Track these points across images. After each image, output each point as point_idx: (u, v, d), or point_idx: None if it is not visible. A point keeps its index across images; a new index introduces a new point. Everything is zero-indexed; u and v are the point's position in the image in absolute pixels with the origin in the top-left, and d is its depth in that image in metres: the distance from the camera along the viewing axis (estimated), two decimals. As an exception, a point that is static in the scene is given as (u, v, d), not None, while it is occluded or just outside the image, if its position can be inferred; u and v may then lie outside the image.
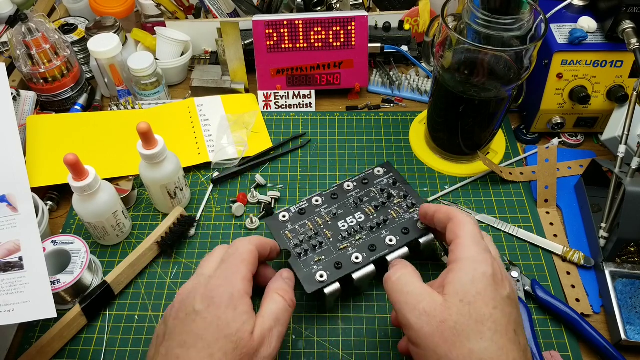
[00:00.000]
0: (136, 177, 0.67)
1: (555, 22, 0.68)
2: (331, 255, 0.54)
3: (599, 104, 0.68)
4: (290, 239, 0.55)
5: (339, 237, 0.55)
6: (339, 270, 0.52)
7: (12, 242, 0.50)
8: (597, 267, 0.58)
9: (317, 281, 0.52)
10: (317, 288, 0.51)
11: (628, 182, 0.56)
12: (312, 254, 0.54)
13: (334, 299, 0.53)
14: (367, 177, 0.61)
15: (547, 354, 0.51)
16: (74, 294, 0.56)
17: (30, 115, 0.72)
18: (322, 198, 0.59)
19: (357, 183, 0.60)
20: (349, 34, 0.74)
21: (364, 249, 0.54)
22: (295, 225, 0.57)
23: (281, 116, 0.77)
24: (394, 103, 0.79)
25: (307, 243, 0.55)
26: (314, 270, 0.52)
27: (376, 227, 0.56)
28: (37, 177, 0.65)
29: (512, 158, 0.71)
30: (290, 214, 0.58)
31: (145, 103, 0.76)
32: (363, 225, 0.56)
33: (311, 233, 0.56)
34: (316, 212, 0.58)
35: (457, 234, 0.44)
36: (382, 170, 0.61)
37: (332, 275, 0.52)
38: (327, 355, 0.53)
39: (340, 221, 0.57)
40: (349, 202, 0.58)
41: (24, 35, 0.70)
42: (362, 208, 0.58)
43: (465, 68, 0.61)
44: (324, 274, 0.52)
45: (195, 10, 0.85)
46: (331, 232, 0.56)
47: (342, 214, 0.57)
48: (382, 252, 0.54)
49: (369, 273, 0.53)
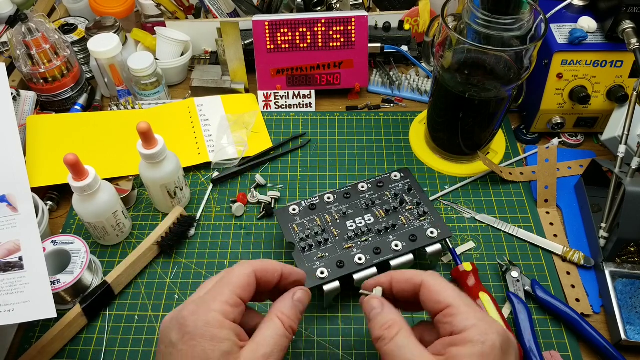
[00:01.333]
0: (136, 177, 0.67)
1: (555, 22, 0.68)
2: (335, 254, 0.54)
3: (599, 104, 0.68)
4: (297, 233, 0.56)
5: (345, 237, 0.55)
6: (341, 269, 0.52)
7: (12, 242, 0.50)
8: (597, 267, 0.58)
9: (317, 277, 0.52)
10: (316, 284, 0.51)
11: (628, 182, 0.56)
12: (316, 249, 0.54)
13: (332, 297, 0.53)
14: (383, 181, 0.60)
15: (547, 354, 0.51)
16: (74, 294, 0.56)
17: (30, 115, 0.72)
18: (334, 196, 0.59)
19: (372, 185, 0.60)
20: (349, 34, 0.74)
21: (369, 251, 0.54)
22: (304, 219, 0.57)
23: (281, 116, 0.77)
24: (394, 103, 0.79)
25: (312, 238, 0.55)
26: (315, 266, 0.53)
27: (384, 231, 0.55)
28: (37, 177, 0.65)
29: (512, 158, 0.71)
30: (301, 208, 0.58)
31: (145, 103, 0.76)
32: (371, 227, 0.56)
33: (318, 229, 0.56)
34: (326, 209, 0.58)
35: (442, 302, 0.39)
36: (399, 175, 0.61)
37: (333, 273, 0.52)
38: (327, 355, 0.53)
39: (349, 221, 0.57)
40: (360, 203, 0.58)
41: (24, 35, 0.70)
42: (373, 210, 0.57)
43: (465, 68, 0.61)
44: (325, 271, 0.52)
45: (195, 10, 0.85)
46: (338, 230, 0.56)
47: (352, 214, 0.57)
48: (387, 256, 0.54)
49: (371, 275, 0.53)
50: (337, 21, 0.72)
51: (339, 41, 0.74)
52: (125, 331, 0.55)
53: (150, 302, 0.57)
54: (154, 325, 0.55)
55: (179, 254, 0.61)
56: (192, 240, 0.63)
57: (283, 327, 0.40)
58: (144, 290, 0.58)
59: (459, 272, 0.56)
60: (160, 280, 0.59)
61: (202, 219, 0.65)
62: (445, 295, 0.39)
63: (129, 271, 0.57)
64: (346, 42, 0.74)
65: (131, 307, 0.57)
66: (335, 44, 0.74)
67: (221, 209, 0.66)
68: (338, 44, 0.74)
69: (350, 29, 0.73)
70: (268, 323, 0.40)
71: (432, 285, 0.40)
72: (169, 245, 0.60)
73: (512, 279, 0.56)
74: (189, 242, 0.62)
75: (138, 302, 0.57)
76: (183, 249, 0.62)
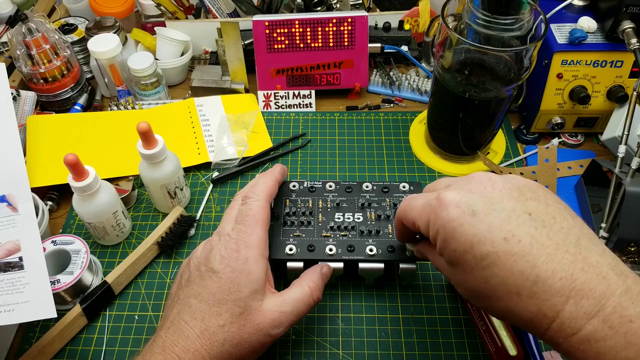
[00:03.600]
0: (136, 177, 0.67)
1: (555, 22, 0.68)
2: (311, 237, 0.55)
3: (599, 104, 0.68)
4: (287, 207, 0.57)
5: (328, 226, 0.55)
6: (309, 253, 0.53)
7: (12, 242, 0.50)
8: (597, 267, 0.58)
9: (285, 252, 0.53)
10: (281, 258, 0.53)
11: (628, 182, 0.56)
12: (296, 228, 0.55)
13: (294, 276, 0.52)
14: (390, 187, 0.59)
15: (547, 354, 0.51)
16: (74, 294, 0.56)
17: (30, 115, 0.72)
18: (336, 186, 0.59)
19: (377, 188, 0.59)
20: (349, 34, 0.74)
21: (343, 246, 0.54)
22: (299, 198, 0.58)
23: (281, 116, 0.77)
24: (394, 103, 0.79)
25: (297, 217, 0.56)
26: (288, 241, 0.54)
27: (366, 233, 0.55)
28: (37, 177, 0.65)
29: (512, 158, 0.71)
30: (301, 187, 0.59)
31: (145, 103, 0.76)
32: (355, 226, 0.56)
33: (306, 210, 0.57)
34: (324, 196, 0.58)
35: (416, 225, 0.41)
36: (407, 187, 0.59)
37: (300, 254, 0.53)
38: (327, 355, 0.53)
39: (339, 213, 0.57)
40: (357, 201, 0.58)
41: (24, 35, 0.70)
42: (366, 211, 0.57)
43: (465, 68, 0.61)
44: (294, 249, 0.53)
45: (195, 10, 0.85)
46: (324, 218, 0.56)
47: (344, 207, 0.57)
48: (356, 256, 0.53)
49: (336, 269, 0.53)
50: (337, 21, 0.72)
51: (339, 41, 0.74)
52: (125, 331, 0.55)
53: (150, 302, 0.57)
54: (154, 325, 0.55)
55: (179, 254, 0.61)
56: (192, 240, 0.63)
57: (311, 294, 0.46)
58: (144, 290, 0.58)
59: (459, 272, 0.56)
60: (160, 280, 0.59)
61: (202, 219, 0.65)
62: (413, 215, 0.41)
63: (129, 271, 0.57)
64: (346, 42, 0.74)
65: (131, 307, 0.57)
66: (335, 44, 0.74)
67: (221, 209, 0.66)
68: (338, 44, 0.74)
69: (350, 29, 0.73)
70: (299, 287, 0.46)
71: (406, 219, 0.43)
72: (169, 245, 0.60)
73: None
74: (189, 242, 0.62)
75: (138, 302, 0.57)
76: (183, 249, 0.62)
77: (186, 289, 0.44)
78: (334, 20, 0.72)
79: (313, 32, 0.73)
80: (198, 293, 0.43)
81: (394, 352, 0.53)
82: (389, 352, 0.53)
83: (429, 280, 0.58)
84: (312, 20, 0.72)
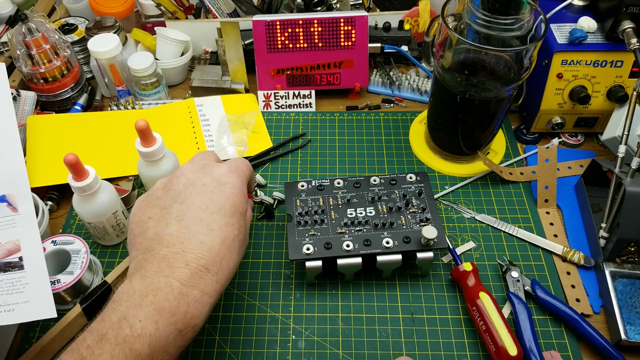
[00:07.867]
0: (136, 177, 0.67)
1: (555, 22, 0.68)
2: (326, 235, 0.55)
3: (599, 104, 0.68)
4: (298, 207, 0.57)
5: (341, 223, 0.56)
6: (327, 251, 0.54)
7: (12, 242, 0.50)
8: (597, 267, 0.58)
9: (303, 252, 0.53)
10: (300, 258, 0.53)
11: (628, 182, 0.56)
12: (310, 227, 0.56)
13: (313, 275, 0.54)
14: (397, 179, 0.60)
15: (547, 354, 0.51)
16: (74, 294, 0.56)
17: (30, 115, 0.72)
18: (345, 182, 0.60)
19: (385, 181, 0.60)
20: (349, 34, 0.74)
21: (359, 241, 0.55)
22: (309, 197, 0.58)
23: (281, 116, 0.77)
24: (394, 103, 0.79)
25: (310, 216, 0.57)
26: (304, 241, 0.54)
27: (380, 226, 0.56)
28: (37, 177, 0.65)
29: (512, 158, 0.71)
30: (310, 186, 0.59)
31: (145, 103, 0.76)
32: (369, 220, 0.56)
33: (318, 209, 0.57)
34: (333, 193, 0.59)
35: None
36: (414, 178, 0.60)
37: (318, 252, 0.54)
38: (327, 355, 0.53)
39: (350, 208, 0.57)
40: (367, 195, 0.59)
41: (24, 35, 0.70)
42: (377, 205, 0.58)
43: (465, 68, 0.61)
44: (312, 248, 0.54)
45: (195, 10, 0.85)
46: (337, 215, 0.57)
47: (355, 203, 0.58)
48: (374, 250, 0.54)
49: (354, 264, 0.54)
50: (337, 21, 0.72)
51: (339, 41, 0.74)
52: (125, 331, 0.55)
53: (150, 302, 0.57)
54: (154, 325, 0.55)
55: (179, 254, 0.61)
56: (192, 240, 0.63)
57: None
58: (144, 290, 0.58)
59: (459, 272, 0.56)
60: (160, 280, 0.59)
61: (202, 219, 0.65)
62: None
63: (129, 271, 0.57)
64: (346, 42, 0.74)
65: (131, 307, 0.57)
66: (335, 44, 0.74)
67: (221, 209, 0.66)
68: (338, 44, 0.74)
69: (350, 29, 0.73)
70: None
71: None
72: (169, 245, 0.59)
73: (512, 279, 0.56)
74: (189, 242, 0.62)
75: (138, 302, 0.57)
76: (183, 249, 0.62)
77: (181, 205, 0.44)
78: (334, 20, 0.72)
79: (313, 32, 0.73)
80: (205, 206, 0.44)
81: (394, 352, 0.53)
82: (389, 352, 0.53)
83: (429, 280, 0.58)
84: (312, 20, 0.72)
